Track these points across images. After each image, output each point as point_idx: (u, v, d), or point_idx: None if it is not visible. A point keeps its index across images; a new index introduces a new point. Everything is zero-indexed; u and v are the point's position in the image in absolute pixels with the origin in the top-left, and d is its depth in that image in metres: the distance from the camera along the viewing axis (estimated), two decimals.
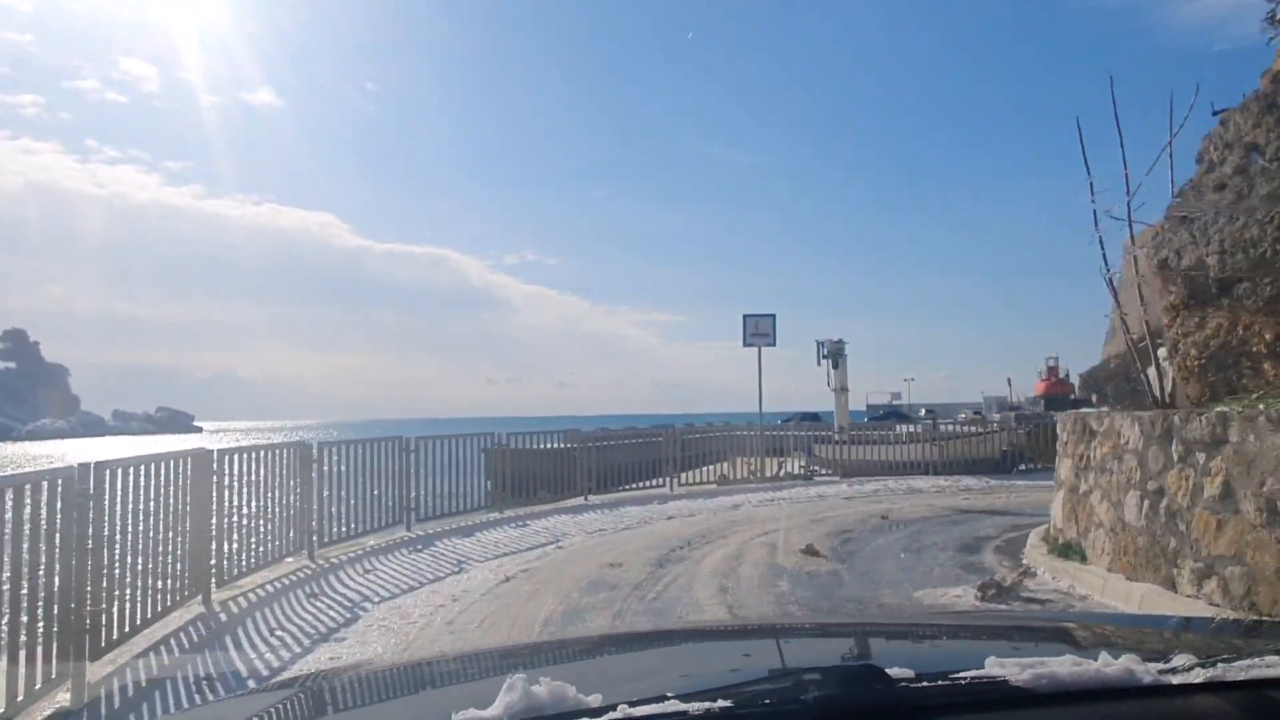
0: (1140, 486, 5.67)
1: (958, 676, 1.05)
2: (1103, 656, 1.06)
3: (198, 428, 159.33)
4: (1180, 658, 1.09)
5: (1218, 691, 1.03)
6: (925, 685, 1.04)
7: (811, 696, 1.03)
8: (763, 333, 15.31)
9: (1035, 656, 1.09)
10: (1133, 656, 1.06)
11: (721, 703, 0.96)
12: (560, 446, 13.46)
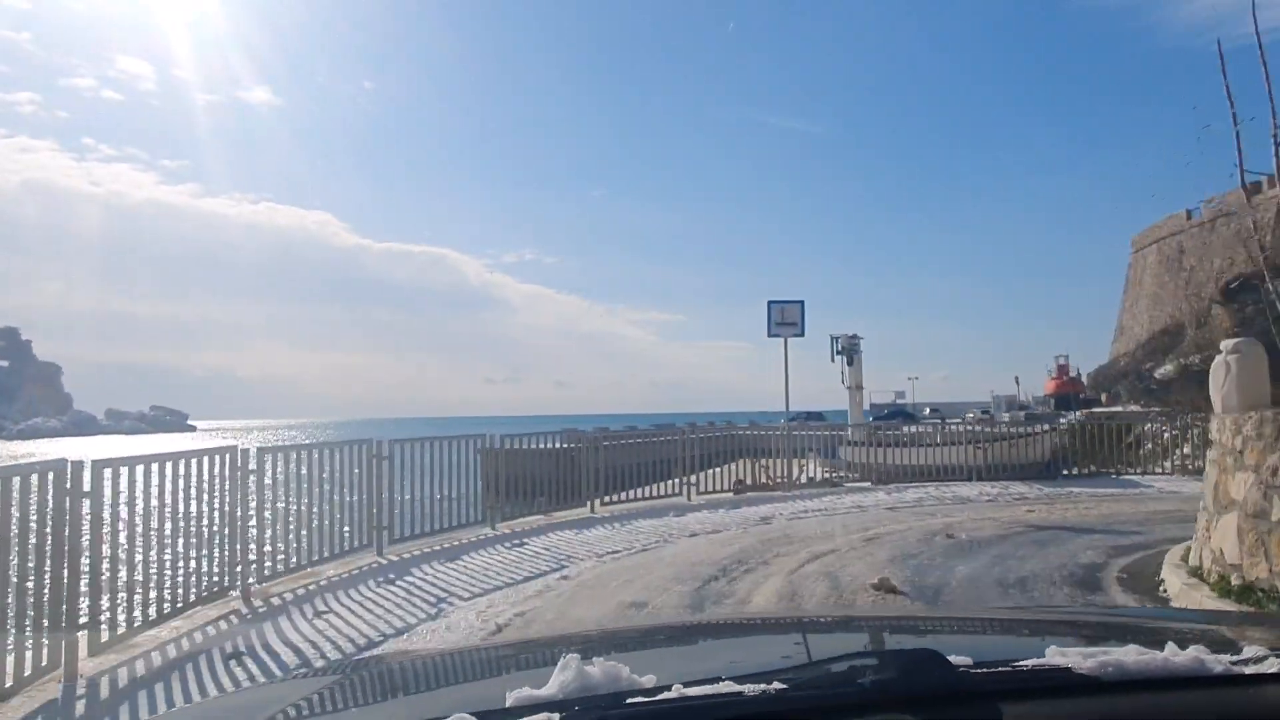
0: None
1: (1019, 664, 1.02)
2: (1169, 646, 1.01)
3: (191, 427, 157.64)
4: (1251, 649, 1.04)
5: None
6: (986, 671, 1.00)
7: (869, 680, 0.97)
8: (790, 321, 13.61)
9: (1097, 646, 1.06)
10: (1201, 647, 1.01)
11: (776, 685, 0.94)
12: (562, 447, 11.71)
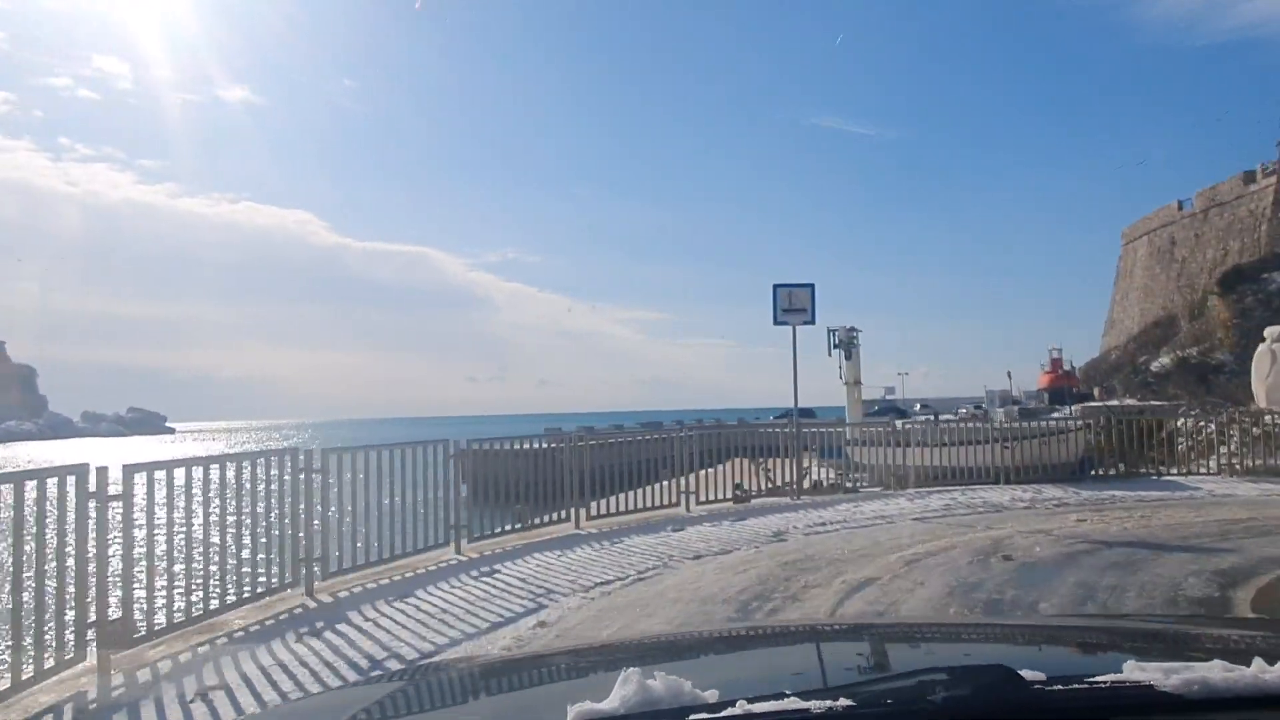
0: None
1: (1096, 681, 0.97)
2: (1257, 662, 0.97)
3: (170, 429, 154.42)
4: None
5: None
6: (1061, 689, 0.96)
7: (940, 697, 0.94)
8: (799, 307, 12.11)
9: (1178, 661, 1.00)
10: None
11: (844, 701, 0.91)
12: (541, 448, 10.11)
